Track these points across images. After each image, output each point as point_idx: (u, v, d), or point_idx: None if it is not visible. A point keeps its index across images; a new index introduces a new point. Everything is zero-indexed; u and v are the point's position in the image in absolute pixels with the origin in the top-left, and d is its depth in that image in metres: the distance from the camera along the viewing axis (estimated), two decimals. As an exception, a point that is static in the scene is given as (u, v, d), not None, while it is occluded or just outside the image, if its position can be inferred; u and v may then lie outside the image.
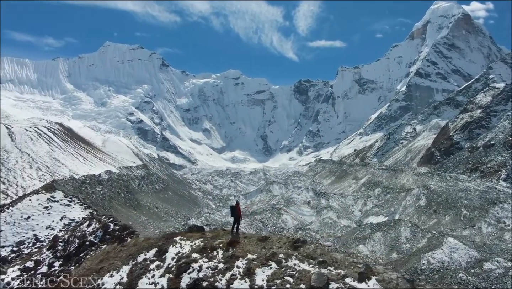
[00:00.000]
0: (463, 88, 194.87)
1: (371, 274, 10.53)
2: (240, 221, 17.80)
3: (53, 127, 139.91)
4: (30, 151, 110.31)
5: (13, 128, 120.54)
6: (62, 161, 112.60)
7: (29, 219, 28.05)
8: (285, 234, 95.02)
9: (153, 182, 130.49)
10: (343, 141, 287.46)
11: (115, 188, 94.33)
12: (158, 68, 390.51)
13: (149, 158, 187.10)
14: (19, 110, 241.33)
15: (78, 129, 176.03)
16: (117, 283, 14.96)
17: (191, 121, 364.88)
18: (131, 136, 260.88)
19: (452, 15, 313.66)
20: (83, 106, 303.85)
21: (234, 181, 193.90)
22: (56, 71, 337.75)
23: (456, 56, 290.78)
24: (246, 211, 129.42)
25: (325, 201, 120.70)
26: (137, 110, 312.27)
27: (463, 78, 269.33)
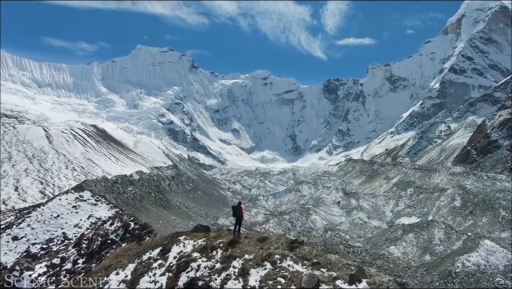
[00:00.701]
0: (501, 84, 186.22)
1: (363, 276, 10.36)
2: (242, 221, 17.55)
3: (88, 129, 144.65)
4: (66, 152, 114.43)
5: (50, 131, 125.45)
6: (96, 162, 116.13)
7: (59, 217, 29.03)
8: (314, 234, 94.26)
9: (183, 182, 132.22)
10: (373, 140, 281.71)
11: (146, 187, 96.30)
12: (188, 70, 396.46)
13: (179, 158, 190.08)
14: (56, 113, 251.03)
15: (111, 130, 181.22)
16: (121, 281, 15.24)
17: (220, 121, 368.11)
18: (162, 137, 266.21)
19: (488, 8, 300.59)
20: (116, 109, 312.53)
21: (263, 181, 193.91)
22: (91, 75, 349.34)
23: (493, 51, 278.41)
24: (275, 211, 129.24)
25: (355, 201, 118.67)
26: (168, 111, 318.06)
27: (501, 73, 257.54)
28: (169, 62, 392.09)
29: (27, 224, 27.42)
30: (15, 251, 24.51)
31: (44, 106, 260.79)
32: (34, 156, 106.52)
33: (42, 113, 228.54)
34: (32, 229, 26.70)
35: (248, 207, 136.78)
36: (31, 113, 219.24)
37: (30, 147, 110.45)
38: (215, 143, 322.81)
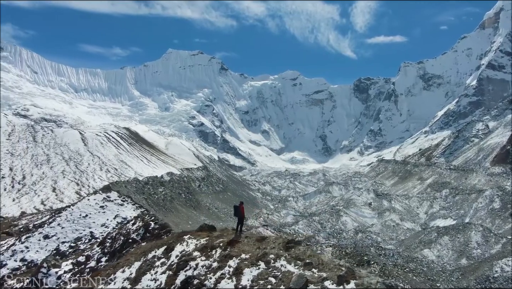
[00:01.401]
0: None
1: (351, 278, 10.23)
2: (243, 221, 17.46)
3: (121, 132, 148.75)
4: (100, 154, 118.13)
5: (86, 134, 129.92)
6: (128, 163, 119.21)
7: (87, 217, 29.97)
8: (344, 236, 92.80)
9: (213, 183, 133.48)
10: (407, 140, 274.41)
11: (176, 188, 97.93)
12: (218, 72, 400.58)
13: (209, 159, 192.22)
14: (92, 117, 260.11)
15: (143, 133, 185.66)
16: (125, 279, 15.60)
17: (250, 123, 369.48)
18: (193, 139, 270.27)
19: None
20: (149, 111, 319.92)
21: (292, 182, 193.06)
22: (124, 79, 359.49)
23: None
24: (304, 212, 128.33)
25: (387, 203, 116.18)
26: (198, 113, 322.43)
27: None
28: (199, 65, 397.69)
29: (57, 223, 28.48)
30: (46, 249, 25.51)
31: (80, 110, 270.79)
32: (70, 158, 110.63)
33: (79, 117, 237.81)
34: (62, 228, 27.70)
35: (278, 208, 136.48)
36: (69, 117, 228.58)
37: (67, 149, 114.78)
38: (245, 144, 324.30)
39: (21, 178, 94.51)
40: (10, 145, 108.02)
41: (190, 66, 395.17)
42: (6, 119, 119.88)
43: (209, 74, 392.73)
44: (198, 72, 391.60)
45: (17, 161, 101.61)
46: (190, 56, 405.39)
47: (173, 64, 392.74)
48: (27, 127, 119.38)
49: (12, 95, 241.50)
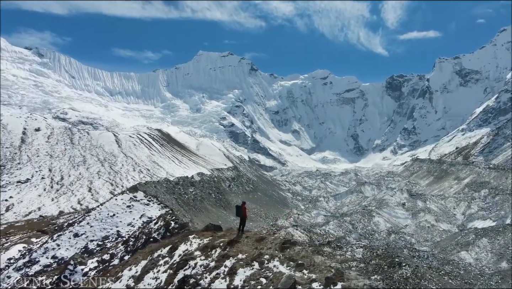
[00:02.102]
0: None
1: (339, 279, 10.11)
2: (245, 221, 17.31)
3: (153, 133, 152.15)
4: (133, 155, 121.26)
5: (120, 136, 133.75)
6: (160, 164, 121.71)
7: (114, 216, 30.79)
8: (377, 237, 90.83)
9: (243, 183, 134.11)
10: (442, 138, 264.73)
11: (206, 188, 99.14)
12: (248, 73, 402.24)
13: (240, 160, 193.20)
14: (126, 119, 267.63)
15: (174, 134, 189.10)
16: (131, 277, 16.00)
17: (280, 123, 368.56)
18: (223, 140, 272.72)
19: None
20: (180, 113, 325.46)
21: (323, 182, 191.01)
22: (157, 82, 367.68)
23: None
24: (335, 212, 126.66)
25: (421, 203, 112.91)
26: (229, 114, 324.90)
27: None
28: (229, 66, 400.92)
29: (87, 222, 29.45)
30: (75, 247, 26.40)
31: (115, 113, 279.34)
32: (105, 159, 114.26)
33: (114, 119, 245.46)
34: (91, 227, 28.58)
35: (308, 208, 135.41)
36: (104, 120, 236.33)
37: (102, 151, 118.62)
38: (275, 144, 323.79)
39: (59, 178, 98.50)
40: (49, 147, 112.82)
41: (221, 67, 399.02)
42: (46, 122, 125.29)
43: (239, 75, 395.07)
44: (228, 73, 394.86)
45: (55, 162, 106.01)
46: (220, 58, 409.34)
47: (203, 66, 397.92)
48: (65, 130, 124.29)
49: (51, 100, 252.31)
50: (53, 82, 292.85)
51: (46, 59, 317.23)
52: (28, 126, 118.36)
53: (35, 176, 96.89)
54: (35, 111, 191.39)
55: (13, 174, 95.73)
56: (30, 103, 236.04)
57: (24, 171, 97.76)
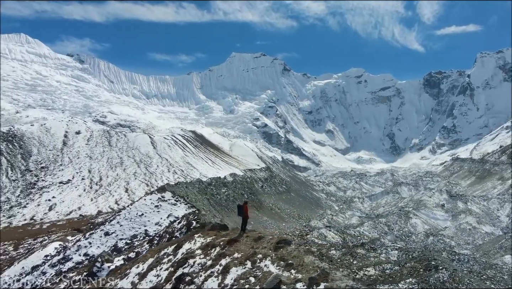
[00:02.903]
0: None
1: (323, 280, 9.95)
2: (247, 220, 17.23)
3: (187, 135, 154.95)
4: (168, 156, 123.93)
5: (155, 137, 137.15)
6: (194, 165, 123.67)
7: (143, 216, 31.56)
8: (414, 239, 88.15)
9: (276, 184, 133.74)
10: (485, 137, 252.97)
11: (239, 189, 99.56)
12: (280, 73, 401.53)
13: (273, 160, 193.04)
14: (162, 121, 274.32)
15: (208, 135, 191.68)
16: (137, 274, 16.39)
17: (313, 123, 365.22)
18: (257, 140, 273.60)
19: None
20: (214, 114, 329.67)
21: (358, 182, 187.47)
22: (191, 84, 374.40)
23: None
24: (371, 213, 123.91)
25: (462, 204, 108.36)
26: (262, 115, 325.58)
27: None
28: (262, 67, 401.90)
29: (117, 221, 30.36)
30: (106, 245, 27.25)
31: (151, 116, 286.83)
32: (141, 160, 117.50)
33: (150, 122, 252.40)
34: (120, 225, 29.43)
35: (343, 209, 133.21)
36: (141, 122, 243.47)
37: (138, 152, 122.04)
38: (309, 145, 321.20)
39: (98, 179, 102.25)
40: (89, 149, 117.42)
41: (253, 68, 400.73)
42: (85, 125, 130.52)
43: (272, 75, 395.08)
44: (261, 74, 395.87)
45: (94, 163, 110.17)
46: (253, 59, 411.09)
47: (236, 67, 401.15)
48: (103, 133, 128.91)
49: (92, 104, 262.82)
50: (93, 87, 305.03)
51: (86, 65, 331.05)
52: (69, 129, 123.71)
53: (75, 177, 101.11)
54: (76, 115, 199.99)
55: (56, 175, 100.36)
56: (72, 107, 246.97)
57: (66, 172, 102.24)
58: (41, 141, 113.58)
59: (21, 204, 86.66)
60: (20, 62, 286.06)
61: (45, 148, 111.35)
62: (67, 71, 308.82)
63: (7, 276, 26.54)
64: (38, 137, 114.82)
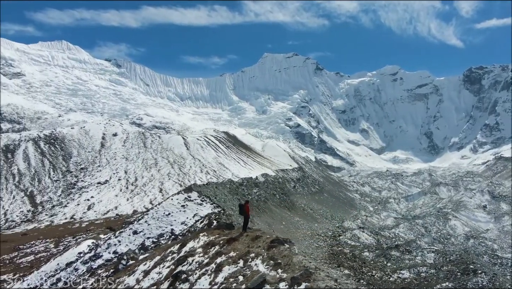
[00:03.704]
0: None
1: (305, 280, 9.88)
2: (248, 219, 16.88)
3: (219, 136, 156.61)
4: (201, 157, 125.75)
5: (188, 139, 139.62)
6: (226, 165, 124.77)
7: (169, 215, 32.15)
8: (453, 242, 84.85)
9: (309, 184, 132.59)
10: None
11: (270, 189, 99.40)
12: (313, 73, 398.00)
13: (305, 160, 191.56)
14: (196, 123, 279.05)
15: (240, 136, 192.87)
16: (142, 271, 16.72)
17: (347, 122, 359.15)
18: (290, 141, 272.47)
19: None
20: (247, 115, 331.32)
21: (394, 183, 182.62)
22: (224, 85, 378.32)
23: None
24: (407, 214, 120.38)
25: (506, 206, 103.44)
26: (295, 115, 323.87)
27: None
28: (294, 66, 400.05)
29: (145, 220, 31.10)
30: (134, 243, 27.98)
31: (186, 117, 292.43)
32: (175, 161, 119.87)
33: (184, 123, 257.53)
34: (148, 225, 30.12)
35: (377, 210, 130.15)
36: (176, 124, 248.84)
37: (172, 153, 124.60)
38: (342, 144, 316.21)
39: (134, 180, 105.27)
40: (125, 151, 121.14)
41: (285, 68, 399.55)
42: (122, 128, 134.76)
43: (304, 75, 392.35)
44: (293, 74, 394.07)
45: (130, 164, 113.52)
46: (285, 59, 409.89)
47: (269, 68, 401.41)
48: (138, 135, 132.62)
49: (128, 107, 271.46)
50: (130, 90, 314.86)
51: (123, 69, 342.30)
52: (107, 132, 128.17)
53: (112, 178, 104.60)
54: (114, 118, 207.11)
55: (94, 176, 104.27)
56: (110, 110, 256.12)
57: (103, 173, 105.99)
58: (81, 144, 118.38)
59: (62, 203, 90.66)
60: (62, 68, 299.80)
61: (84, 149, 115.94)
62: (105, 75, 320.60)
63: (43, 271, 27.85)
64: (78, 139, 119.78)
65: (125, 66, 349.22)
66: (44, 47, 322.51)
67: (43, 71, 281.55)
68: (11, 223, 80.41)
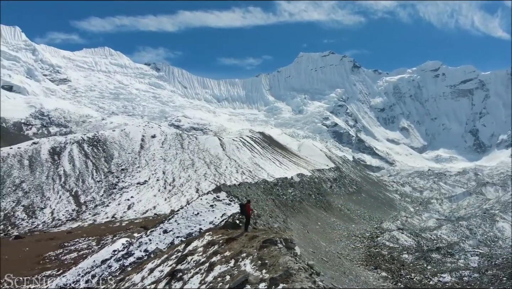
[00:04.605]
0: None
1: (283, 281, 9.80)
2: (250, 219, 17.54)
3: (255, 136, 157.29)
4: (236, 157, 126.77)
5: (224, 140, 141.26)
6: (262, 166, 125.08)
7: (198, 215, 32.61)
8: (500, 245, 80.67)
9: (346, 184, 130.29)
10: None
11: (306, 189, 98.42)
12: (350, 71, 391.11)
13: (343, 160, 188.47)
14: (232, 124, 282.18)
15: (276, 136, 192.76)
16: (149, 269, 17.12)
17: (386, 120, 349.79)
18: (327, 140, 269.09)
19: None
20: (283, 115, 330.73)
21: (436, 183, 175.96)
22: (259, 86, 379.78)
23: None
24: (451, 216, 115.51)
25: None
26: (332, 114, 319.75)
27: None
28: (330, 65, 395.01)
29: (175, 220, 31.73)
30: (163, 242, 28.61)
31: (222, 118, 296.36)
32: (211, 162, 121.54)
33: (221, 124, 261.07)
34: (178, 224, 30.71)
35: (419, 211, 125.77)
36: (213, 125, 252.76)
37: (208, 154, 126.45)
38: (381, 143, 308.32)
39: (171, 180, 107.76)
40: (163, 152, 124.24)
41: (322, 67, 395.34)
42: (160, 129, 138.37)
43: (341, 73, 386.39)
44: (329, 72, 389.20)
45: (168, 165, 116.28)
46: (321, 58, 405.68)
47: (304, 67, 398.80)
48: (176, 136, 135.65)
49: (167, 109, 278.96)
50: (169, 93, 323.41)
51: (162, 73, 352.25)
52: (146, 133, 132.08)
53: (151, 178, 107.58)
54: (154, 120, 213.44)
55: (134, 176, 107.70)
56: (150, 113, 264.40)
57: (143, 174, 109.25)
58: (121, 145, 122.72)
59: (104, 203, 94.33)
60: (105, 73, 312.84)
61: (124, 151, 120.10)
62: (145, 79, 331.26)
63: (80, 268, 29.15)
64: (118, 141, 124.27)
65: (164, 70, 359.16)
66: (88, 53, 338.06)
67: (87, 76, 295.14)
68: (58, 221, 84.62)
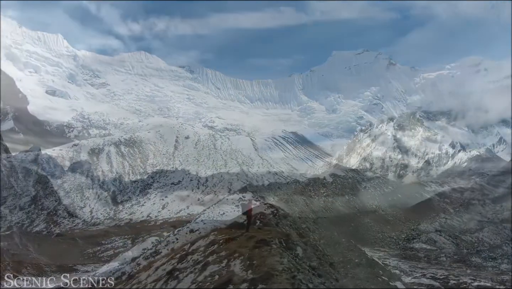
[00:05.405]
0: None
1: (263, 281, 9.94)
2: (251, 219, 17.62)
3: (287, 136, 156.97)
4: (269, 157, 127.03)
5: (256, 140, 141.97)
6: (294, 166, 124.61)
7: (223, 215, 32.99)
8: None
9: (380, 184, 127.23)
10: None
11: (339, 190, 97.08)
12: (385, 68, 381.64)
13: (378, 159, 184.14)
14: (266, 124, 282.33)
15: (309, 136, 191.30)
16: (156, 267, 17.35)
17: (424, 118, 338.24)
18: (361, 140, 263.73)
19: None
20: (317, 115, 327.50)
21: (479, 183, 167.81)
22: (292, 86, 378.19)
23: None
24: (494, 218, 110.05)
25: None
26: (366, 113, 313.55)
27: None
28: (364, 63, 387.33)
29: (201, 220, 32.13)
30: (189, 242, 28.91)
31: (256, 119, 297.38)
32: (243, 162, 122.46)
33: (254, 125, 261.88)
34: (204, 224, 31.12)
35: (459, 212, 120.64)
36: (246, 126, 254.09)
37: (241, 154, 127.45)
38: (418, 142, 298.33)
39: (204, 180, 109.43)
40: (197, 152, 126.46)
41: (356, 65, 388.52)
42: (193, 130, 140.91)
43: (376, 71, 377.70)
44: (364, 70, 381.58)
45: (201, 165, 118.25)
46: (355, 56, 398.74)
47: (338, 66, 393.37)
48: (209, 137, 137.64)
49: (201, 110, 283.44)
50: (202, 94, 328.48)
51: (196, 75, 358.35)
52: (180, 135, 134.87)
53: (185, 178, 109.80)
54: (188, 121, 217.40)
55: (168, 177, 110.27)
56: (185, 114, 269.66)
57: (176, 174, 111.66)
58: (156, 146, 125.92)
59: (139, 202, 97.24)
60: (141, 76, 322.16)
61: (159, 152, 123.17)
62: (179, 81, 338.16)
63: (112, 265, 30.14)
64: (153, 142, 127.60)
65: (198, 72, 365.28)
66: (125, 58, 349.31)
67: (124, 80, 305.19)
68: (96, 220, 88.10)
